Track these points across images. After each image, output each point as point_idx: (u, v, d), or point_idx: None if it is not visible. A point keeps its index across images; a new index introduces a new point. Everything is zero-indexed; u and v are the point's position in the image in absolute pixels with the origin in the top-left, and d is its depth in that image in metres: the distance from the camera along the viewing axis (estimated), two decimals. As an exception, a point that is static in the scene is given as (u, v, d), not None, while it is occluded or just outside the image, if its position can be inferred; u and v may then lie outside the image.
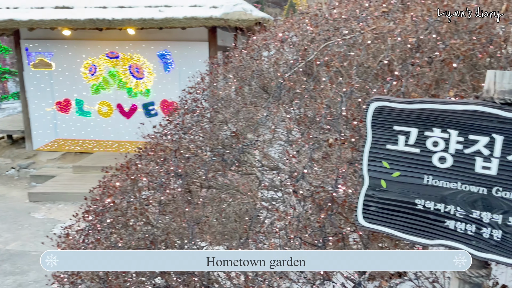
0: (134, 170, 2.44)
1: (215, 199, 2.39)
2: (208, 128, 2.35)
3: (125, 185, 2.35)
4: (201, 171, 2.15)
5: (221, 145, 2.35)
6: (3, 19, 7.44)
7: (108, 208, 2.21)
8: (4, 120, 11.06)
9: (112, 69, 8.69)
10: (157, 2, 7.49)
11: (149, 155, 2.44)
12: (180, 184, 2.10)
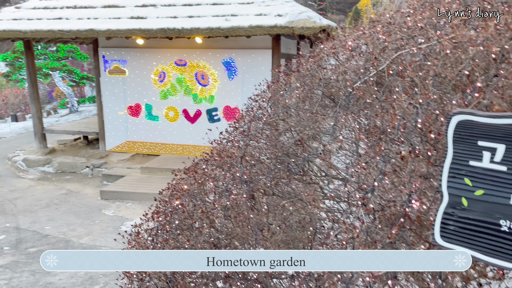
0: (201, 174, 2.52)
1: (277, 206, 2.40)
2: (273, 136, 2.37)
3: (193, 189, 2.43)
4: (266, 178, 2.17)
5: (286, 153, 2.35)
6: (84, 28, 8.06)
7: (177, 210, 2.30)
8: (81, 122, 11.93)
9: (179, 76, 9.07)
10: (224, 11, 7.72)
11: (215, 160, 2.51)
12: (245, 190, 2.13)
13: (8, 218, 6.64)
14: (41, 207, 7.11)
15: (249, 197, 2.18)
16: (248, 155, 2.31)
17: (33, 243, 5.68)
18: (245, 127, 2.49)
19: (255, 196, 2.44)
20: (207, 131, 9.00)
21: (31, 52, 9.95)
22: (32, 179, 8.81)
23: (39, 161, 9.56)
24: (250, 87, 8.57)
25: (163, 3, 8.48)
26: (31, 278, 4.66)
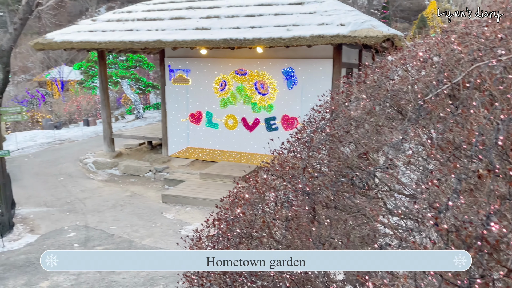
0: (262, 183, 2.54)
1: (339, 220, 2.35)
2: (336, 148, 2.33)
3: (253, 198, 2.45)
4: (329, 191, 2.14)
5: (349, 166, 2.30)
6: (152, 39, 8.49)
7: (238, 218, 2.33)
8: (146, 128, 12.53)
9: (239, 84, 9.25)
10: (285, 21, 7.77)
11: (276, 170, 2.51)
12: (307, 202, 2.11)
13: (78, 216, 7.11)
14: (107, 207, 7.53)
15: (310, 209, 2.16)
16: (310, 167, 2.29)
17: (100, 241, 6.03)
18: (308, 138, 2.47)
19: (316, 209, 2.41)
20: (265, 139, 9.08)
21: (104, 61, 10.66)
22: (100, 181, 9.38)
23: (107, 163, 10.16)
24: (310, 97, 8.53)
25: (227, 14, 8.72)
26: (97, 275, 4.94)
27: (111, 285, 4.69)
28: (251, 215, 2.38)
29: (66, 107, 19.37)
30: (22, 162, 11.05)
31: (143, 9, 10.30)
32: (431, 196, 1.74)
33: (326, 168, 2.30)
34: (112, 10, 27.08)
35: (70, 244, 5.93)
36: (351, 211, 2.43)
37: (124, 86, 18.51)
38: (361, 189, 2.23)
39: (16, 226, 6.68)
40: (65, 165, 10.76)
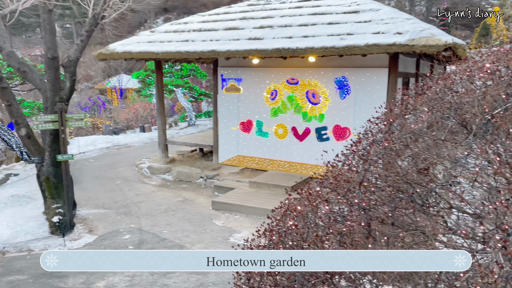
0: (315, 196, 2.50)
1: (397, 237, 2.25)
2: (395, 162, 2.25)
3: (306, 210, 2.42)
4: (386, 206, 2.06)
5: (409, 182, 2.20)
6: (207, 50, 8.72)
7: (290, 231, 2.31)
8: (198, 135, 12.84)
9: (290, 94, 9.24)
10: (339, 30, 7.68)
11: (331, 183, 2.47)
12: (363, 217, 2.05)
13: (133, 219, 7.40)
14: (160, 211, 7.78)
15: (366, 225, 2.09)
16: (367, 181, 2.22)
17: (153, 245, 6.22)
18: (364, 151, 2.41)
19: (371, 225, 2.33)
20: (315, 149, 8.99)
21: (160, 70, 11.10)
22: (154, 185, 9.72)
23: (160, 169, 10.52)
24: (363, 107, 8.34)
25: (280, 24, 8.77)
26: (150, 278, 5.09)
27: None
28: (304, 228, 2.35)
29: (124, 114, 20.35)
30: (83, 166, 11.71)
31: (198, 20, 10.62)
32: (499, 217, 1.63)
33: (383, 182, 2.22)
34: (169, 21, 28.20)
35: (125, 246, 6.17)
36: (409, 229, 2.33)
37: (178, 94, 19.15)
38: (420, 206, 2.13)
39: (76, 226, 7.07)
40: (122, 169, 11.27)
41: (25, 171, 10.90)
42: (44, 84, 6.83)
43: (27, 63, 7.23)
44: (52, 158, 6.87)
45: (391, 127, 2.44)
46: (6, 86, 6.81)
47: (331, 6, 9.15)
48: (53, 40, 6.69)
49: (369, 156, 2.30)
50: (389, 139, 2.27)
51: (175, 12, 41.53)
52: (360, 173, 2.23)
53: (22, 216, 7.42)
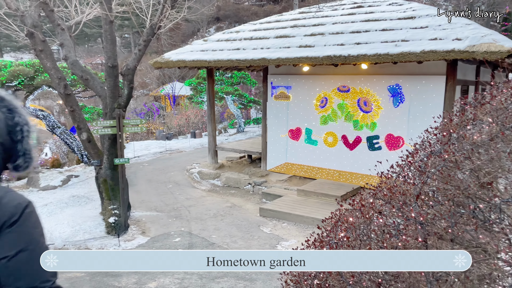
0: (368, 208, 2.43)
1: (456, 255, 2.13)
2: (455, 175, 2.13)
3: (359, 222, 2.36)
4: (445, 222, 1.96)
5: (470, 197, 2.08)
6: (257, 58, 8.81)
7: (342, 242, 2.26)
8: (247, 142, 12.97)
9: (341, 101, 9.10)
10: (394, 37, 7.47)
11: (385, 195, 2.38)
12: (420, 232, 1.96)
13: (183, 223, 7.58)
14: (209, 216, 7.92)
15: (423, 241, 2.00)
16: (424, 194, 2.13)
17: (201, 248, 6.34)
18: (421, 162, 2.31)
19: (427, 240, 2.22)
20: (366, 158, 8.77)
21: (212, 78, 11.36)
22: (204, 190, 9.92)
23: (210, 174, 10.73)
24: (418, 116, 8.04)
25: (331, 31, 8.69)
26: (199, 281, 5.18)
27: (210, 293, 4.89)
28: (356, 240, 2.29)
29: (176, 120, 21.02)
30: (138, 169, 12.21)
31: (250, 28, 10.78)
32: None
33: (441, 196, 2.12)
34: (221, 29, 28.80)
35: (175, 249, 6.34)
36: (469, 246, 2.20)
37: (228, 101, 19.49)
38: (483, 222, 2.00)
39: (130, 227, 7.37)
40: (173, 173, 11.61)
41: (85, 173, 11.55)
42: (104, 91, 7.22)
43: (90, 71, 7.68)
44: (110, 161, 7.23)
45: (451, 138, 2.32)
46: (70, 93, 7.28)
47: (385, 13, 8.93)
48: (114, 49, 7.06)
49: (427, 168, 2.20)
50: (449, 150, 2.16)
51: (227, 21, 42.44)
52: (417, 185, 2.14)
53: (81, 215, 7.85)
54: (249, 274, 5.35)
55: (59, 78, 7.11)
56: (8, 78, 10.36)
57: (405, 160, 2.60)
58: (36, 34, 6.85)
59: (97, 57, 41.68)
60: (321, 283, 2.34)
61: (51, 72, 7.08)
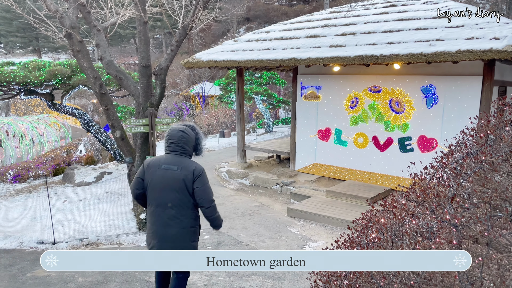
0: (400, 209, 2.40)
1: (492, 259, 2.08)
2: (492, 178, 2.08)
3: (391, 224, 2.33)
4: (481, 225, 1.91)
5: (508, 200, 2.02)
6: (287, 58, 8.81)
7: (373, 243, 2.24)
8: (275, 142, 12.98)
9: (372, 102, 8.96)
10: (428, 36, 7.30)
11: (418, 197, 2.35)
12: (455, 235, 1.92)
13: (212, 221, 7.67)
14: (237, 215, 7.98)
15: (457, 243, 1.95)
16: (459, 197, 2.08)
17: (230, 247, 6.40)
18: (457, 164, 2.26)
19: (461, 243, 2.17)
20: (397, 160, 8.60)
21: (241, 78, 11.44)
22: (232, 189, 10.00)
23: (238, 173, 10.80)
24: (452, 117, 7.82)
25: (363, 31, 8.57)
26: (227, 279, 5.24)
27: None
28: (387, 242, 2.26)
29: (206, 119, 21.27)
30: (168, 167, 12.43)
31: (280, 28, 10.78)
32: None
33: (477, 199, 2.07)
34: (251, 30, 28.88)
35: (204, 246, 6.43)
36: (506, 250, 2.13)
37: (257, 101, 19.55)
38: (522, 227, 1.94)
39: (160, 223, 7.52)
40: (202, 172, 11.76)
41: (117, 170, 11.87)
42: (137, 91, 7.41)
43: (124, 71, 7.90)
44: (142, 159, 7.41)
45: (488, 139, 2.26)
46: (105, 92, 7.51)
47: (419, 11, 8.74)
48: (147, 50, 7.24)
49: (463, 170, 2.15)
50: (486, 152, 2.10)
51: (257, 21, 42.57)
52: (452, 187, 2.09)
53: (113, 211, 8.08)
54: (277, 274, 5.36)
55: (95, 78, 7.35)
56: (46, 77, 10.80)
57: (439, 161, 2.55)
58: (74, 35, 7.11)
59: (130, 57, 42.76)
60: (351, 283, 2.33)
61: (87, 72, 7.33)
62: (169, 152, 3.72)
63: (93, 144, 16.18)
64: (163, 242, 3.56)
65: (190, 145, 3.76)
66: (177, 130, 3.69)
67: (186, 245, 3.59)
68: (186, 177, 3.58)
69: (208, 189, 3.66)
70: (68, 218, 7.86)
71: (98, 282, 5.28)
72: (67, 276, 5.50)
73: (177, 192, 3.57)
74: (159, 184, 3.60)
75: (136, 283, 5.24)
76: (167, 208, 3.58)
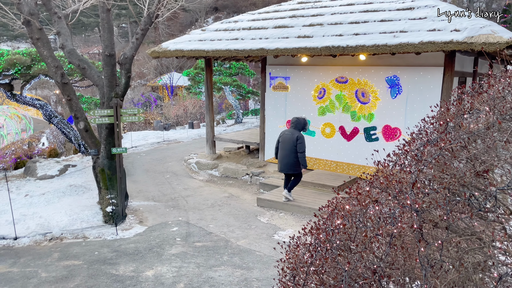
0: (364, 196, 2.45)
1: (451, 242, 2.16)
2: (451, 164, 2.15)
3: (355, 210, 2.38)
4: (441, 210, 1.98)
5: (465, 185, 2.10)
6: (256, 48, 8.78)
7: (338, 230, 2.28)
8: (244, 133, 12.97)
9: (339, 92, 9.09)
10: (392, 28, 7.45)
11: (381, 183, 2.40)
12: (416, 220, 1.98)
13: (181, 212, 7.61)
14: (207, 206, 7.95)
15: (418, 228, 2.02)
16: (420, 183, 2.14)
17: (199, 238, 6.37)
18: (418, 151, 2.32)
19: (422, 227, 2.25)
20: (363, 149, 8.80)
21: (210, 69, 11.32)
22: (201, 180, 9.94)
23: (208, 165, 10.74)
24: (415, 107, 8.05)
25: (330, 21, 8.65)
26: (196, 270, 5.22)
27: (208, 281, 4.93)
28: (352, 228, 2.31)
29: (174, 110, 20.97)
30: (135, 159, 12.21)
31: (248, 18, 10.71)
32: None
33: (437, 184, 2.13)
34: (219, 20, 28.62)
35: (173, 238, 6.37)
36: (464, 233, 2.22)
37: (226, 92, 19.44)
38: (478, 211, 2.02)
39: (128, 217, 7.39)
40: (171, 163, 11.62)
41: (82, 162, 11.54)
42: (101, 80, 7.19)
43: (87, 60, 7.64)
44: (107, 151, 7.22)
45: (448, 126, 2.33)
46: (67, 81, 7.24)
47: (384, 3, 8.90)
48: (111, 38, 7.02)
49: (423, 157, 2.22)
50: (446, 139, 2.17)
51: (225, 11, 42.17)
52: (413, 173, 2.15)
53: (78, 204, 7.86)
54: (246, 263, 5.39)
55: (56, 67, 7.07)
56: (4, 67, 10.29)
57: (402, 149, 2.62)
58: (33, 22, 6.79)
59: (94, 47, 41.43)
60: (317, 269, 2.37)
61: (48, 61, 7.04)
62: (290, 127, 7.50)
63: (56, 136, 15.63)
64: (283, 166, 7.47)
65: (299, 125, 7.41)
66: (296, 118, 7.48)
67: (294, 168, 7.44)
68: (293, 138, 7.27)
69: (303, 145, 7.27)
70: (30, 212, 7.58)
71: (63, 277, 5.14)
72: (29, 271, 5.32)
73: (290, 144, 7.29)
74: (283, 140, 7.42)
75: (102, 277, 5.13)
76: (286, 151, 7.33)
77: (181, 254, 5.75)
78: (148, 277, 5.07)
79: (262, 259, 5.51)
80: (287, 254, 2.77)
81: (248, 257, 5.61)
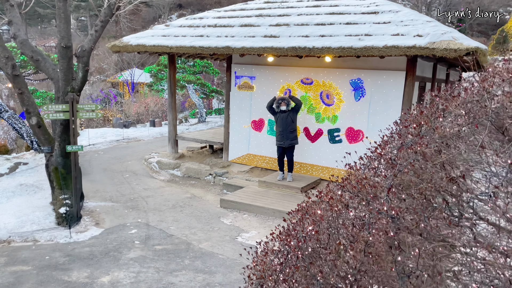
0: (336, 200, 2.35)
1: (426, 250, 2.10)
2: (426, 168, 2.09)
3: (327, 215, 2.27)
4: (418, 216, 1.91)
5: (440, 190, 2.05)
6: (221, 46, 8.59)
7: (310, 236, 2.17)
8: (208, 132, 12.74)
9: (304, 94, 9.07)
10: (358, 31, 7.51)
11: (354, 187, 2.31)
12: (392, 226, 1.90)
13: (140, 214, 7.30)
14: (168, 207, 7.67)
15: (394, 235, 1.94)
16: (396, 187, 2.07)
17: (159, 241, 6.11)
18: (392, 155, 2.25)
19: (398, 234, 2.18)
20: (327, 151, 8.83)
21: (173, 65, 11.00)
22: (163, 180, 9.62)
23: (169, 164, 10.43)
24: (378, 110, 8.15)
25: (297, 22, 8.61)
26: (156, 275, 4.98)
27: (168, 287, 4.70)
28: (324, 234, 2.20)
29: (135, 108, 20.33)
30: (92, 158, 11.67)
31: (214, 15, 10.50)
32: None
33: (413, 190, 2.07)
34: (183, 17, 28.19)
35: (131, 241, 6.07)
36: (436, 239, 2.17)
37: (189, 90, 19.07)
38: (454, 217, 1.97)
39: (83, 218, 7.00)
40: (130, 162, 11.20)
41: (35, 160, 10.87)
42: (56, 74, 6.76)
43: (41, 52, 7.16)
44: (61, 148, 6.80)
45: (422, 130, 2.28)
46: (19, 74, 6.76)
47: (349, 6, 8.97)
48: (67, 29, 6.61)
49: (399, 161, 2.15)
50: (421, 143, 2.11)
51: (190, 8, 41.56)
52: (389, 178, 2.08)
53: (29, 205, 7.36)
54: (209, 267, 5.21)
55: (7, 58, 6.57)
56: None
57: (374, 152, 2.55)
58: (-20, 8, 6.27)
59: (51, 39, 39.54)
60: (287, 278, 2.24)
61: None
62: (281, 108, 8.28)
63: (7, 132, 14.69)
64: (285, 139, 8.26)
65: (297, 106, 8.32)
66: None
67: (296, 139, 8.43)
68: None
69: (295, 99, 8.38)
70: (-26, 214, 7.01)
71: (9, 284, 4.74)
72: (-30, 280, 4.87)
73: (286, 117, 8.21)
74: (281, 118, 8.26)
75: (53, 283, 4.78)
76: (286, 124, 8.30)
77: (140, 258, 5.48)
78: (103, 284, 4.78)
79: (225, 263, 5.34)
80: (253, 261, 2.63)
81: (211, 260, 5.42)
